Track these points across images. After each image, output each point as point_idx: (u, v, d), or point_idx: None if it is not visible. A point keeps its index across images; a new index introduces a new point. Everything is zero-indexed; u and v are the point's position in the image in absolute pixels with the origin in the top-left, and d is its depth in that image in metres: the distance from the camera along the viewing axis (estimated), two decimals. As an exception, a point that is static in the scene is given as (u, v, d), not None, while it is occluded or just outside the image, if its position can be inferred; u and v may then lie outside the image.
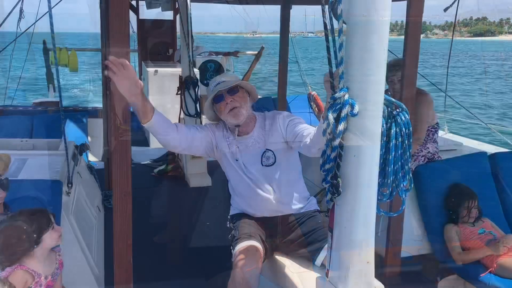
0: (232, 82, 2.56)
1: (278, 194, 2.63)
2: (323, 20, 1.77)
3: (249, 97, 2.65)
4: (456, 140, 4.83)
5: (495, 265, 3.13)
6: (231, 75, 2.73)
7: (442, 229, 3.53)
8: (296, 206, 2.70)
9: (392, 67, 3.67)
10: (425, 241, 3.68)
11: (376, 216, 3.76)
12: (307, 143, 2.39)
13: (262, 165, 2.61)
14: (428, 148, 3.76)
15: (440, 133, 5.16)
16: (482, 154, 3.93)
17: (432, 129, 3.76)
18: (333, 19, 1.77)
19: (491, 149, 4.65)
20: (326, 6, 1.76)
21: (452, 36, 4.45)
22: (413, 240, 3.66)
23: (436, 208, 3.61)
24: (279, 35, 5.64)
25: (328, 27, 1.74)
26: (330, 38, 1.68)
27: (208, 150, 2.67)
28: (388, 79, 3.75)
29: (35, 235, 2.13)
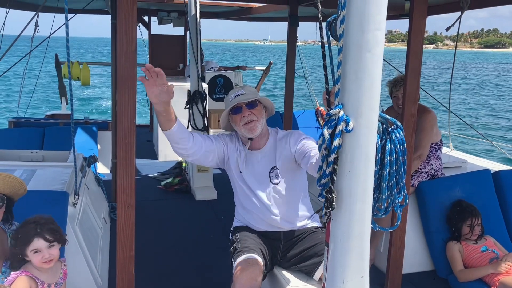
0: (251, 96, 2.60)
1: (282, 212, 2.65)
2: (321, 40, 1.83)
3: (266, 111, 2.70)
4: (460, 158, 4.83)
5: (497, 284, 3.12)
6: (251, 88, 2.71)
7: (444, 246, 3.53)
8: (299, 223, 2.73)
9: (397, 82, 3.71)
10: (428, 257, 3.68)
11: (379, 233, 3.79)
12: (313, 163, 2.40)
13: (270, 181, 2.64)
14: (431, 164, 3.77)
15: (445, 150, 5.16)
16: (486, 171, 3.93)
17: (436, 146, 3.78)
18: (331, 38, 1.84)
19: (496, 166, 4.64)
20: (324, 25, 1.83)
21: (455, 53, 4.46)
22: (416, 257, 3.66)
23: (438, 225, 3.61)
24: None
25: (325, 46, 1.80)
26: (326, 55, 1.73)
27: (219, 161, 2.72)
28: (393, 95, 3.80)
29: (17, 248, 2.21)
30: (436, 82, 35.61)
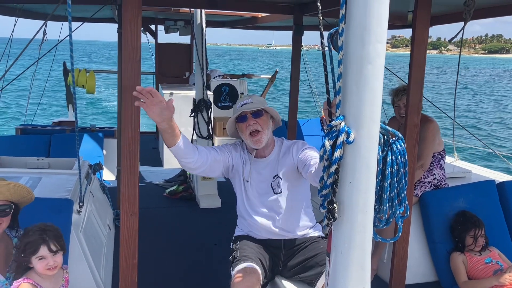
0: (258, 105, 2.62)
1: (283, 221, 2.66)
2: (322, 51, 1.85)
3: (273, 122, 2.71)
4: (465, 168, 4.81)
5: (501, 295, 3.10)
6: (259, 98, 2.72)
7: (448, 256, 3.51)
8: (301, 232, 2.74)
9: (399, 92, 3.74)
10: (431, 268, 3.66)
11: (383, 243, 3.77)
12: (312, 172, 2.42)
13: (272, 191, 2.66)
14: (434, 174, 3.76)
15: (450, 160, 5.14)
16: (490, 182, 3.91)
17: (438, 155, 3.77)
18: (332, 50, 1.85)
19: (500, 177, 4.61)
20: (325, 37, 1.84)
21: (459, 62, 4.46)
22: (419, 267, 3.64)
23: (442, 236, 3.60)
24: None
25: (327, 57, 1.82)
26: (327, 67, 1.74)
27: (225, 171, 2.74)
28: (394, 104, 3.81)
29: (22, 255, 2.24)
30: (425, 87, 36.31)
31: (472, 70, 75.87)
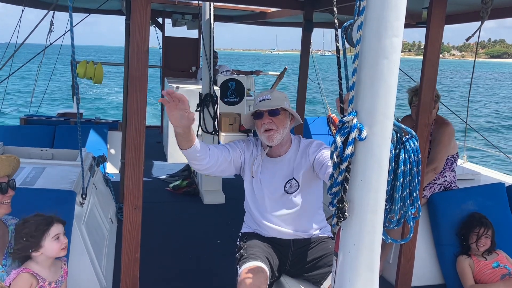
0: (275, 103, 2.54)
1: (293, 221, 2.61)
2: (336, 45, 1.79)
3: (292, 120, 2.64)
4: (474, 170, 4.74)
5: (509, 300, 3.04)
6: (279, 94, 2.61)
7: (455, 259, 3.45)
8: (311, 232, 2.69)
9: (417, 91, 3.67)
10: (438, 271, 3.60)
11: (389, 244, 3.72)
12: (329, 173, 2.36)
13: (284, 191, 2.60)
14: (445, 176, 3.70)
15: (459, 161, 5.07)
16: (500, 185, 3.85)
17: (452, 158, 3.71)
18: (345, 44, 1.79)
19: (510, 180, 4.54)
20: (340, 31, 1.79)
21: (474, 64, 4.38)
22: (426, 269, 3.59)
23: (450, 238, 3.54)
24: (295, 52, 5.69)
25: (341, 51, 1.76)
26: (340, 61, 1.69)
27: (236, 170, 2.70)
28: (412, 104, 3.74)
29: (32, 239, 2.21)
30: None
31: (464, 74, 76.30)
